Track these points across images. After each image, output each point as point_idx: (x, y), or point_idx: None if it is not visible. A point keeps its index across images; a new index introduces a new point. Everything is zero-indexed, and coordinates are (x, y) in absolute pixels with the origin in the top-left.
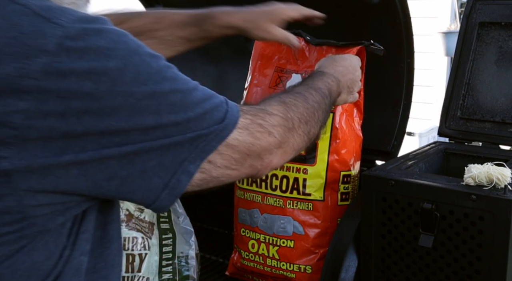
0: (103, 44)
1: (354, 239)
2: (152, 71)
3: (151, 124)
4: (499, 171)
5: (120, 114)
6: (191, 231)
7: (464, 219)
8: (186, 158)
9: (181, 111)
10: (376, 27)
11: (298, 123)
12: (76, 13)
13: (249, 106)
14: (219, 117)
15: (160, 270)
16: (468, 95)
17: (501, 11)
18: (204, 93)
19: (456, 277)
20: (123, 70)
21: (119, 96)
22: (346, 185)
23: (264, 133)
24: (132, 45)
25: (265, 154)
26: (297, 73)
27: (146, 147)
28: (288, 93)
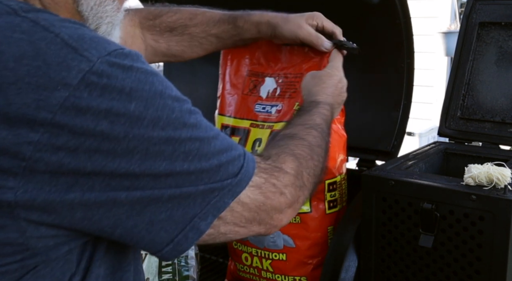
0: (128, 84)
1: (354, 239)
2: (173, 116)
3: (163, 170)
4: (499, 171)
5: (133, 157)
6: None
7: (464, 219)
8: (197, 214)
9: (195, 160)
10: (376, 27)
11: (307, 177)
12: (109, 46)
13: (264, 160)
14: (234, 172)
15: (159, 271)
16: (468, 95)
17: (501, 11)
18: (223, 144)
19: (456, 277)
20: (143, 113)
21: (134, 139)
22: (332, 192)
23: (276, 193)
24: (158, 87)
25: (275, 214)
26: (271, 76)
27: (156, 196)
28: (295, 140)
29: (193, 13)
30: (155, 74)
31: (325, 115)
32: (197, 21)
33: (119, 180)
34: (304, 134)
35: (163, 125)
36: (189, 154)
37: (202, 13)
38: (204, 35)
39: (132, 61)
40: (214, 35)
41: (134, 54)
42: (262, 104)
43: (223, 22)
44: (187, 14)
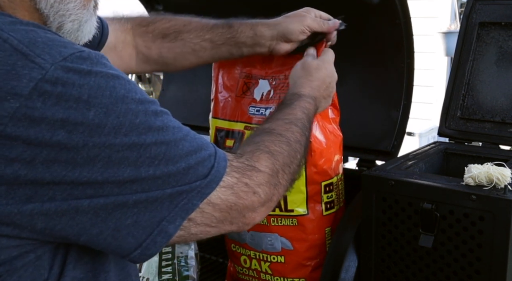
0: (86, 91)
1: (354, 239)
2: (137, 121)
3: (128, 177)
4: (499, 171)
5: (95, 165)
6: None
7: (464, 219)
8: (164, 218)
9: (161, 164)
10: (376, 27)
11: (282, 174)
12: (65, 50)
13: (237, 159)
14: (203, 173)
15: (159, 271)
16: (468, 95)
17: (501, 11)
18: (192, 145)
19: (456, 277)
20: (104, 120)
21: (95, 147)
22: (329, 194)
23: (249, 193)
24: (119, 92)
25: (247, 212)
26: (265, 78)
27: (121, 202)
28: (271, 136)
29: (188, 20)
30: (116, 77)
31: (307, 109)
32: (191, 27)
33: (81, 188)
34: (282, 130)
35: (125, 132)
36: (155, 159)
37: (197, 20)
38: (197, 40)
39: (91, 65)
40: (208, 40)
41: (94, 56)
42: (256, 107)
43: (218, 26)
44: (181, 21)
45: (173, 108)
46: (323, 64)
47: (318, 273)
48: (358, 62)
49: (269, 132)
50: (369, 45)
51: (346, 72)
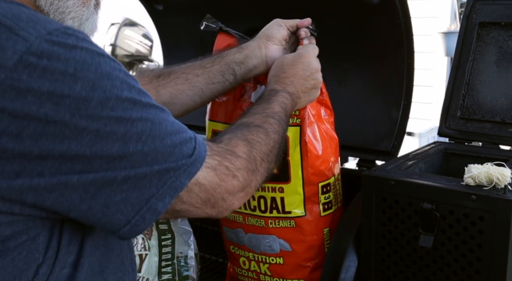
0: (72, 64)
1: (354, 239)
2: (122, 97)
3: (117, 152)
4: (499, 171)
5: (83, 138)
6: (189, 231)
7: (464, 219)
8: (153, 195)
9: (149, 140)
10: (376, 27)
11: (260, 162)
12: (51, 25)
13: (217, 144)
14: (188, 153)
15: (159, 271)
16: (468, 95)
17: (501, 11)
18: (173, 126)
19: (456, 277)
20: (90, 93)
21: (82, 120)
22: (326, 194)
23: (229, 176)
24: (105, 68)
25: (228, 196)
26: (262, 84)
27: (110, 178)
28: (249, 128)
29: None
30: (101, 55)
31: (284, 103)
32: (183, 65)
33: (70, 163)
34: (260, 122)
35: (112, 106)
36: (142, 135)
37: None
38: (189, 70)
39: (76, 40)
40: (198, 66)
41: (79, 33)
42: None
43: (207, 56)
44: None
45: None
46: (298, 59)
47: (317, 274)
48: (358, 62)
49: (247, 125)
50: (369, 45)
51: (346, 72)
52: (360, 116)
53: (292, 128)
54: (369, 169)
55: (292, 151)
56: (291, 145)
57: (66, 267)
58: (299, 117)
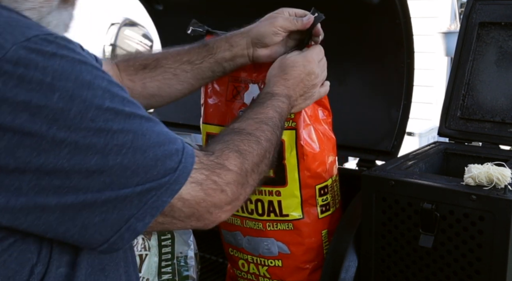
0: (49, 73)
1: (354, 239)
2: (103, 107)
3: (95, 165)
4: (499, 171)
5: (61, 151)
6: (189, 231)
7: (464, 219)
8: (133, 215)
9: (129, 153)
10: (376, 27)
11: (251, 174)
12: (29, 31)
13: (207, 156)
14: (171, 167)
15: (159, 271)
16: (468, 95)
17: (501, 11)
18: (159, 137)
19: (456, 277)
20: (68, 104)
21: (60, 131)
22: (324, 197)
23: (217, 190)
24: (86, 77)
25: (214, 210)
26: (254, 83)
27: (89, 201)
28: (241, 136)
29: (165, 50)
30: (83, 62)
31: (280, 107)
32: (168, 54)
33: (48, 179)
34: (252, 129)
35: (92, 117)
36: (122, 147)
37: (173, 48)
38: (176, 64)
39: (57, 47)
40: (187, 62)
41: (61, 40)
42: None
43: (194, 48)
44: (159, 52)
45: (173, 109)
46: (301, 61)
47: (316, 276)
48: (358, 62)
49: (239, 131)
50: (369, 45)
51: (346, 72)
52: (360, 116)
53: (288, 132)
54: (369, 169)
55: (288, 155)
56: (287, 149)
57: (62, 266)
58: (294, 120)
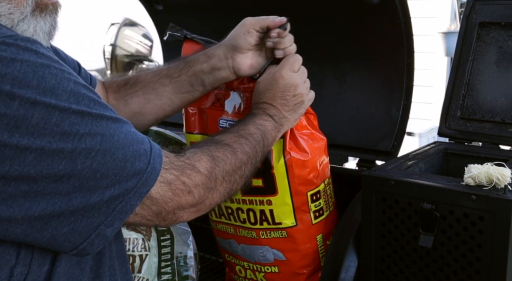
0: (8, 80)
1: (354, 239)
2: (69, 111)
3: (64, 170)
4: (499, 171)
5: (26, 157)
6: (188, 231)
7: (464, 219)
8: (102, 222)
9: (98, 156)
10: (376, 27)
11: (221, 181)
12: None
13: (178, 157)
14: (140, 168)
15: (159, 271)
16: (468, 95)
17: (501, 11)
18: (127, 137)
19: (456, 277)
20: (30, 110)
21: (23, 138)
22: (316, 202)
23: (185, 191)
24: (49, 81)
25: (178, 211)
26: (235, 90)
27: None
28: (217, 145)
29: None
30: (47, 66)
31: (262, 125)
32: (149, 70)
33: (14, 184)
34: (230, 141)
35: (56, 122)
36: (91, 150)
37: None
38: (155, 79)
39: (17, 51)
40: (165, 75)
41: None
42: (228, 119)
43: (173, 61)
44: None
45: None
46: (273, 82)
47: (314, 280)
48: (358, 62)
49: (216, 142)
50: (369, 45)
51: (346, 72)
52: (360, 116)
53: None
54: (369, 169)
55: (276, 164)
56: (275, 158)
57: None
58: None
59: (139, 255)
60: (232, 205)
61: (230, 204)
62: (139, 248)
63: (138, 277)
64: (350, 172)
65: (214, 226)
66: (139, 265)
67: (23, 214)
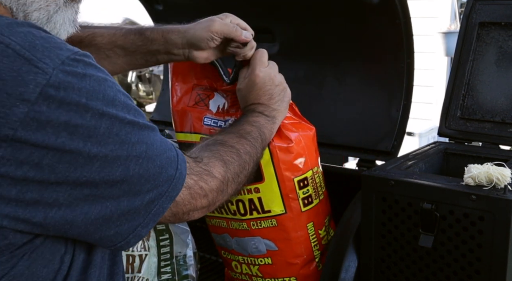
0: (84, 94)
1: (354, 239)
2: (125, 121)
3: (119, 176)
4: (499, 171)
5: (93, 165)
6: (187, 231)
7: (464, 219)
8: (139, 224)
9: (144, 163)
10: (376, 27)
11: (231, 183)
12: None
13: (196, 163)
14: (171, 174)
15: (159, 271)
16: (468, 95)
17: (501, 11)
18: (161, 145)
19: (456, 277)
20: (99, 121)
21: (93, 147)
22: (304, 189)
23: (201, 195)
24: (110, 94)
25: (192, 212)
26: (218, 91)
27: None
28: (225, 147)
29: (102, 24)
30: (104, 80)
31: (256, 121)
32: (104, 31)
33: (79, 189)
34: (233, 142)
35: (117, 131)
36: (139, 158)
37: (111, 25)
38: (110, 46)
39: (84, 67)
40: (121, 47)
41: (84, 57)
42: (213, 118)
43: (130, 32)
44: (96, 27)
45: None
46: (252, 84)
47: (308, 270)
48: (358, 62)
49: (222, 143)
50: (369, 45)
51: (346, 72)
52: (360, 116)
53: None
54: (369, 169)
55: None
56: None
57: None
58: None
59: (138, 255)
60: None
61: None
62: (138, 248)
63: (138, 277)
64: (350, 172)
65: (208, 222)
66: (138, 265)
67: (82, 218)
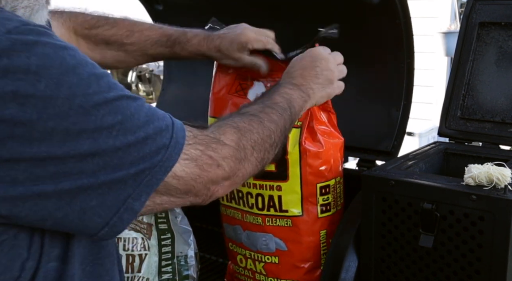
0: (33, 62)
1: (354, 239)
2: (90, 92)
3: (88, 149)
4: (499, 171)
5: (52, 138)
6: (189, 231)
7: (464, 219)
8: (130, 195)
9: (120, 134)
10: (376, 27)
11: (251, 151)
12: (10, 23)
13: (202, 132)
14: (163, 144)
15: (159, 271)
16: (468, 95)
17: (501, 11)
18: (147, 115)
19: (456, 277)
20: (55, 91)
21: (50, 120)
22: (325, 196)
23: (213, 165)
24: (70, 62)
25: (211, 185)
26: (259, 81)
27: (85, 185)
28: (243, 116)
29: (130, 30)
30: (65, 47)
31: (287, 93)
32: (134, 40)
33: (42, 165)
34: (256, 111)
35: (79, 103)
36: (112, 129)
37: (139, 31)
38: (140, 53)
39: (38, 35)
40: (150, 56)
41: (40, 28)
42: None
43: (160, 45)
44: (123, 30)
45: (173, 108)
46: (304, 56)
47: (312, 276)
48: (358, 62)
49: (242, 113)
50: (369, 45)
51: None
52: (360, 116)
53: (293, 130)
54: (369, 169)
55: (291, 150)
56: (290, 144)
57: (52, 261)
58: (300, 120)
59: (138, 255)
60: (243, 189)
61: (241, 187)
62: (138, 247)
63: (138, 277)
64: (350, 172)
65: (223, 211)
66: (138, 265)
67: (52, 188)
